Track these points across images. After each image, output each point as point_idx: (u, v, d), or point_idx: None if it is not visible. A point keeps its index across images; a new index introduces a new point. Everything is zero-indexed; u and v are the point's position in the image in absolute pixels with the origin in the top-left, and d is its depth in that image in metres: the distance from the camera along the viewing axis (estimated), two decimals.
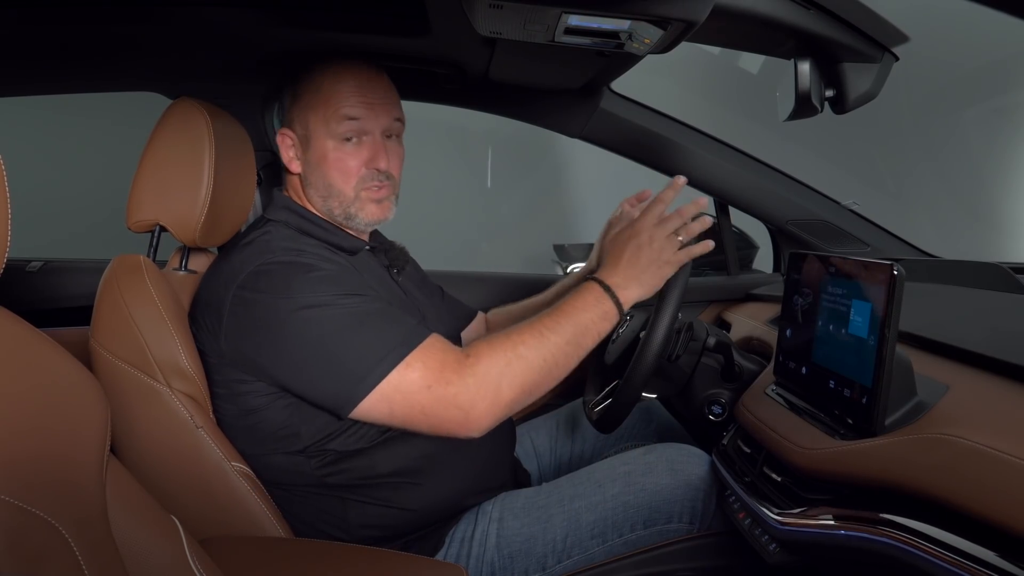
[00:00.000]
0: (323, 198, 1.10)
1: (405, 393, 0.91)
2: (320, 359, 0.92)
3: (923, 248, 1.60)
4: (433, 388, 0.91)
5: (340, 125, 1.06)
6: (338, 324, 0.92)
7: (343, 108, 1.05)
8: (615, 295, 1.00)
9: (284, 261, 0.96)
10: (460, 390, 0.91)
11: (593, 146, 1.59)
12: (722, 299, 1.69)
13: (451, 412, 0.92)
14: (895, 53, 1.09)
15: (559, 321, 0.98)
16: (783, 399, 0.99)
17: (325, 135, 1.06)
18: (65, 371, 0.66)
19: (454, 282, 1.66)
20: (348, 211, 1.10)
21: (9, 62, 1.27)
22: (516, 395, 0.94)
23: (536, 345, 0.95)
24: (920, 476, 0.68)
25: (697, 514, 1.07)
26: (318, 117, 1.06)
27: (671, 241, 1.02)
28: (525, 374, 0.94)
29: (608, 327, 1.01)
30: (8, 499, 0.54)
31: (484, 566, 1.02)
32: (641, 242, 1.02)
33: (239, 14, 1.11)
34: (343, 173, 1.07)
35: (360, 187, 1.08)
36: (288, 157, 1.11)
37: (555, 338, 0.96)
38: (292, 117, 1.10)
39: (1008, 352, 0.77)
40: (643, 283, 1.02)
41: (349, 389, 0.91)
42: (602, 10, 0.84)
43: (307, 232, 1.08)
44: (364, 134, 1.07)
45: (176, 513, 0.75)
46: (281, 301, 0.92)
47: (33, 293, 1.62)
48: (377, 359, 0.90)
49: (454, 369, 0.92)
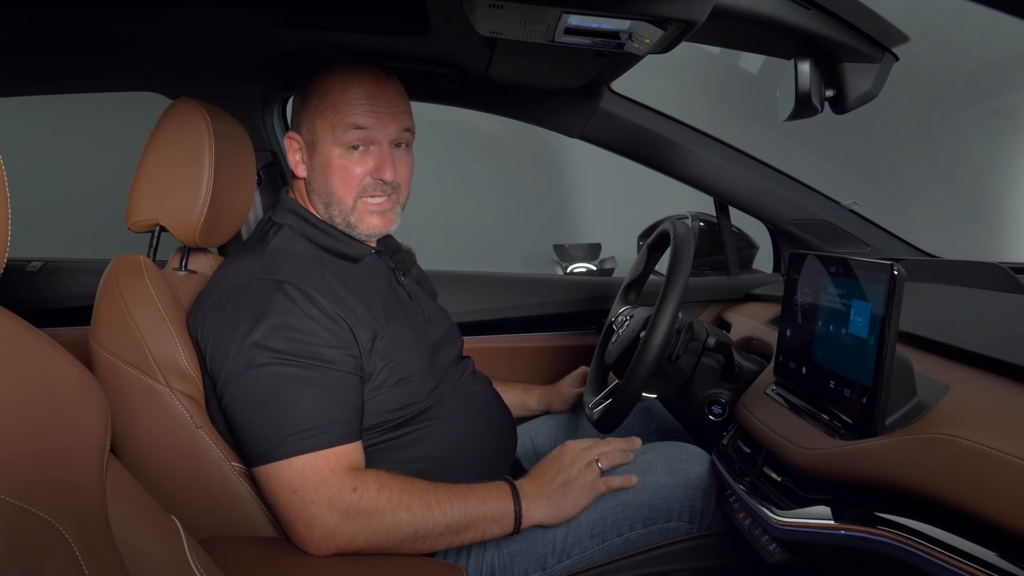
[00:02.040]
0: (325, 205, 1.09)
1: (277, 484, 0.91)
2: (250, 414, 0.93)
3: (923, 248, 1.60)
4: (297, 494, 0.90)
5: (347, 133, 1.04)
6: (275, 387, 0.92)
7: (351, 116, 1.04)
8: (519, 504, 0.99)
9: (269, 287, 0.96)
10: (321, 514, 0.90)
11: (593, 146, 1.59)
12: (722, 299, 1.69)
13: (299, 526, 0.91)
14: (895, 53, 1.09)
15: (453, 501, 0.95)
16: (783, 399, 0.99)
17: (331, 142, 1.05)
18: (65, 371, 0.66)
19: (454, 282, 1.66)
20: (348, 220, 1.09)
21: (10, 62, 1.27)
22: (367, 547, 0.92)
23: (418, 514, 0.93)
24: (920, 476, 0.68)
25: (697, 513, 1.07)
26: (325, 123, 1.05)
27: (592, 468, 1.04)
28: (388, 535, 0.92)
29: (497, 533, 0.98)
30: (8, 499, 0.54)
31: (484, 566, 1.02)
32: (563, 462, 1.04)
33: (239, 14, 1.11)
34: (345, 181, 1.06)
35: (359, 196, 1.07)
36: (295, 161, 1.11)
37: (439, 517, 0.94)
38: (300, 120, 1.09)
39: (1008, 352, 0.77)
40: (552, 503, 1.00)
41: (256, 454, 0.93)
42: (602, 10, 0.84)
43: (312, 239, 1.08)
44: (371, 143, 1.06)
45: (176, 513, 0.75)
46: (243, 341, 0.93)
47: (33, 293, 1.62)
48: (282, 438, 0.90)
49: (329, 495, 0.90)
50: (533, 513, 0.99)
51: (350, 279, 1.07)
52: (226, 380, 0.94)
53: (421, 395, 1.06)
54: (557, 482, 1.02)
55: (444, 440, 1.08)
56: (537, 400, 1.46)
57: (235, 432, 0.96)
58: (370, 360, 1.01)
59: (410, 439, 1.05)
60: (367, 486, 0.92)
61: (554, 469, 1.04)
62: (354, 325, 0.99)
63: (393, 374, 1.03)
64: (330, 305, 0.97)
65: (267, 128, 1.53)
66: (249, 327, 0.93)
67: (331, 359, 0.95)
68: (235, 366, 0.93)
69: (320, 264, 1.05)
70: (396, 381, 1.03)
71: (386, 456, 1.02)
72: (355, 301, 1.02)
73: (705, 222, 1.79)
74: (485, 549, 1.03)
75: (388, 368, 1.02)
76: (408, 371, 1.05)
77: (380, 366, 1.02)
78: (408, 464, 1.03)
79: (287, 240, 1.06)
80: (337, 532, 0.91)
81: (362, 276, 1.10)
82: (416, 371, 1.06)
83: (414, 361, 1.07)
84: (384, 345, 1.02)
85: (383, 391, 1.02)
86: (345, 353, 0.97)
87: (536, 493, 1.01)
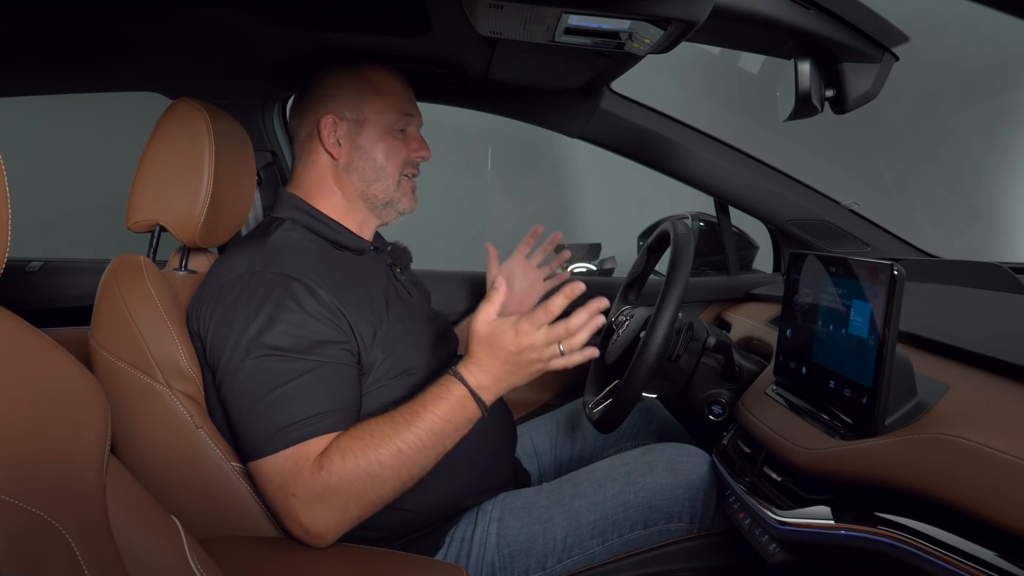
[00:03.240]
0: (366, 182, 1.13)
1: (264, 480, 0.92)
2: (244, 408, 0.93)
3: (923, 248, 1.60)
4: (281, 489, 0.90)
5: (399, 118, 1.14)
6: (269, 382, 0.92)
7: (402, 104, 1.14)
8: (481, 399, 0.95)
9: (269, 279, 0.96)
10: (301, 505, 0.90)
11: (593, 146, 1.59)
12: (722, 299, 1.69)
13: (290, 523, 0.91)
14: (895, 53, 1.09)
15: (421, 433, 0.93)
16: (783, 399, 0.99)
17: (383, 123, 1.13)
18: (65, 371, 0.66)
19: (453, 282, 1.66)
20: (391, 196, 1.15)
21: (10, 62, 1.27)
22: (364, 513, 0.92)
23: (394, 463, 0.91)
24: (920, 476, 0.68)
25: (697, 514, 1.07)
26: (375, 106, 1.12)
27: (551, 348, 0.95)
28: (377, 493, 0.92)
29: (468, 428, 0.97)
30: (9, 499, 0.54)
31: (484, 566, 1.02)
32: (521, 347, 0.93)
33: (239, 14, 1.11)
34: (394, 158, 1.13)
35: (402, 171, 1.15)
36: (331, 142, 1.11)
37: (415, 453, 0.93)
38: (340, 104, 1.11)
39: (1008, 352, 0.77)
40: (511, 384, 0.97)
41: (249, 450, 0.93)
42: (602, 10, 0.84)
43: (314, 230, 1.09)
44: (410, 126, 1.17)
45: (176, 513, 0.75)
46: (241, 334, 0.93)
47: (33, 293, 1.62)
48: (271, 433, 0.91)
49: (303, 484, 0.89)
50: (493, 398, 0.97)
51: (351, 272, 1.07)
52: (223, 373, 0.95)
53: (422, 388, 1.07)
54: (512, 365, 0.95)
55: None
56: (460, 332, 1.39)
57: (231, 426, 0.96)
58: (370, 353, 1.01)
59: None
60: (331, 460, 0.90)
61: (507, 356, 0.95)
62: (353, 318, 0.99)
63: (394, 367, 1.03)
64: (330, 298, 0.98)
65: (267, 128, 1.53)
66: (247, 320, 0.94)
67: (328, 353, 0.95)
68: (232, 359, 0.93)
69: (321, 256, 1.05)
70: (397, 374, 1.04)
71: None
72: (356, 293, 1.03)
73: (705, 222, 1.79)
74: (485, 550, 1.03)
75: (389, 361, 1.03)
76: (408, 364, 1.05)
77: (381, 359, 1.02)
78: None
79: (289, 233, 1.07)
80: (322, 516, 0.90)
81: (362, 269, 1.11)
82: (416, 364, 1.07)
83: (414, 354, 1.07)
84: (385, 337, 1.03)
85: (384, 383, 1.02)
86: (343, 347, 0.97)
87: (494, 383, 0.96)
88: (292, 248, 1.03)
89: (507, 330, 0.94)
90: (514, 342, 0.94)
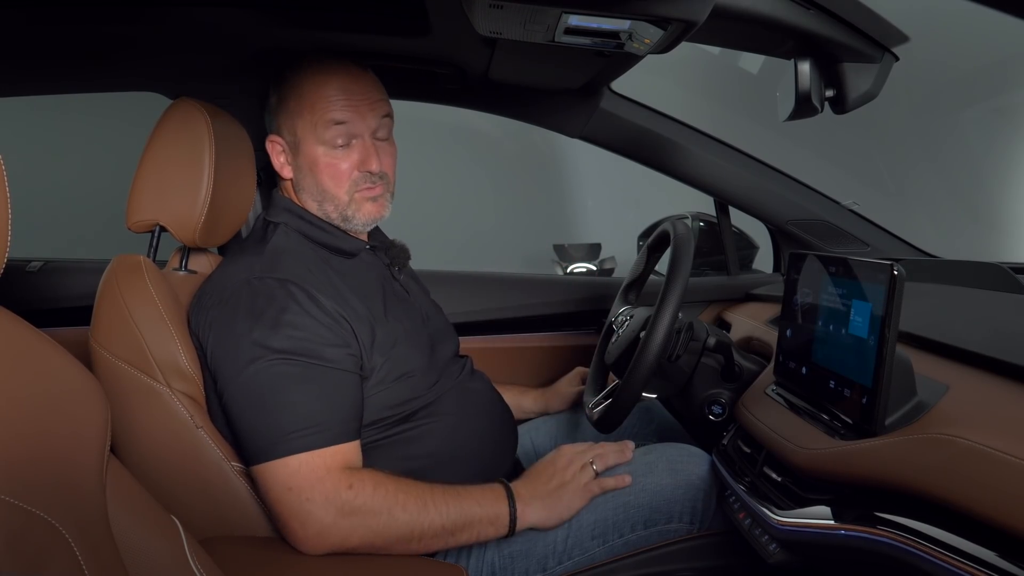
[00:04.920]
0: (318, 202, 1.10)
1: (273, 482, 0.92)
2: (249, 413, 0.93)
3: (923, 248, 1.60)
4: (292, 492, 0.90)
5: (328, 131, 1.05)
6: (274, 386, 0.92)
7: (329, 112, 1.04)
8: (514, 507, 0.98)
9: (269, 286, 0.96)
10: (316, 512, 0.90)
11: (593, 146, 1.59)
12: (722, 299, 1.69)
13: (293, 524, 0.91)
14: (895, 53, 1.09)
15: (449, 502, 0.95)
16: (783, 399, 0.99)
17: (314, 141, 1.06)
18: (65, 371, 0.66)
19: (454, 282, 1.66)
20: (344, 214, 1.10)
21: (9, 62, 1.27)
22: (361, 546, 0.92)
23: (414, 516, 0.93)
24: (920, 476, 0.68)
25: (697, 514, 1.07)
26: (305, 123, 1.06)
27: (586, 470, 1.04)
28: (383, 535, 0.92)
29: (492, 534, 0.98)
30: (8, 499, 0.54)
31: (484, 566, 1.02)
32: (557, 465, 1.04)
33: (239, 14, 1.11)
34: (335, 178, 1.07)
35: (353, 190, 1.09)
36: (279, 163, 1.11)
37: (435, 517, 0.94)
38: (279, 123, 1.10)
39: (1008, 352, 0.77)
40: (546, 506, 1.00)
41: (254, 452, 0.93)
42: (602, 10, 0.84)
43: (308, 235, 1.09)
44: (353, 137, 1.07)
45: (176, 513, 0.75)
46: (244, 340, 0.93)
47: (33, 293, 1.62)
48: (279, 436, 0.91)
49: (324, 492, 0.90)
50: (528, 516, 0.99)
51: (348, 274, 1.07)
52: (226, 379, 0.94)
53: (422, 390, 1.07)
54: (552, 484, 1.02)
55: (444, 437, 1.08)
56: (533, 402, 1.45)
57: (234, 430, 0.96)
58: (370, 356, 1.01)
59: (410, 436, 1.05)
60: (363, 484, 0.92)
61: (549, 471, 1.04)
62: (353, 322, 0.99)
63: (394, 369, 1.03)
64: (330, 303, 0.98)
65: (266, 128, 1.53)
66: (250, 326, 0.94)
67: (331, 358, 0.95)
68: (235, 365, 0.93)
69: (319, 261, 1.05)
70: (397, 376, 1.04)
71: (386, 453, 1.03)
72: (354, 297, 1.03)
73: (705, 222, 1.79)
74: (485, 550, 1.03)
75: (389, 363, 1.03)
76: (409, 366, 1.05)
77: (381, 362, 1.02)
78: (408, 461, 1.03)
79: (285, 238, 1.07)
80: (332, 530, 0.90)
81: (359, 271, 1.11)
82: (416, 366, 1.07)
83: (414, 356, 1.07)
84: (383, 340, 1.03)
85: (384, 386, 1.03)
86: (345, 352, 0.97)
87: (531, 495, 1.00)
88: (290, 253, 1.03)
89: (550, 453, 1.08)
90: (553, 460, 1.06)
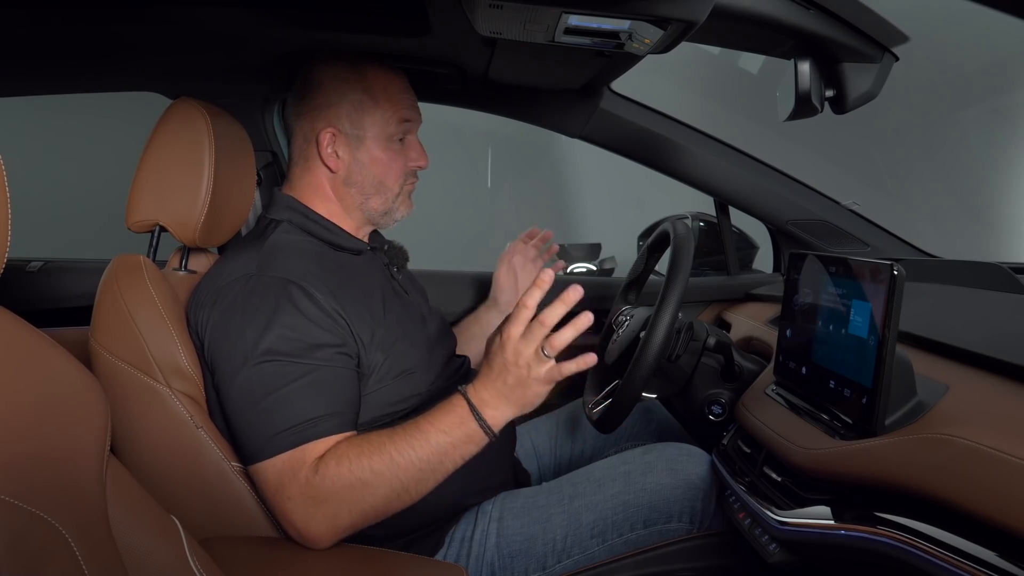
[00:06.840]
0: (365, 196, 1.12)
1: (263, 483, 0.92)
2: (242, 413, 0.93)
3: (923, 248, 1.60)
4: (278, 492, 0.91)
5: (399, 127, 1.11)
6: (267, 386, 0.92)
7: (401, 110, 1.11)
8: (481, 416, 0.92)
9: (266, 283, 0.96)
10: (296, 508, 0.90)
11: (593, 146, 1.59)
12: (722, 299, 1.69)
13: (286, 525, 0.92)
14: (895, 53, 1.09)
15: (417, 445, 0.91)
16: (783, 399, 0.99)
17: (382, 136, 1.10)
18: (65, 372, 0.66)
19: (453, 282, 1.66)
20: (390, 206, 1.14)
21: (10, 62, 1.27)
22: (357, 521, 0.91)
23: (386, 472, 0.90)
24: (920, 476, 0.68)
25: (697, 514, 1.07)
26: (375, 119, 1.10)
27: (538, 358, 0.90)
28: (368, 501, 0.90)
29: (474, 449, 0.94)
30: (9, 499, 0.54)
31: (484, 566, 1.02)
32: (507, 359, 0.91)
33: (239, 14, 1.11)
34: (394, 172, 1.12)
35: (403, 184, 1.14)
36: (327, 153, 1.10)
37: (409, 465, 0.91)
38: (339, 115, 1.09)
39: (1008, 352, 0.77)
40: (514, 401, 0.93)
41: (248, 453, 0.93)
42: (602, 10, 0.84)
43: (311, 232, 1.08)
44: (409, 134, 1.14)
45: (176, 513, 0.75)
46: (239, 339, 0.93)
47: (33, 293, 1.62)
48: (269, 436, 0.91)
49: (299, 487, 0.90)
50: (499, 417, 0.94)
51: (348, 273, 1.07)
52: (221, 378, 0.95)
53: (422, 387, 1.07)
54: (510, 380, 0.92)
55: None
56: (486, 311, 1.44)
57: (231, 430, 0.96)
58: (370, 354, 1.01)
59: None
60: (326, 466, 0.90)
61: (499, 366, 0.92)
62: (352, 320, 0.99)
63: (395, 367, 1.03)
64: (328, 300, 0.97)
65: (267, 128, 1.53)
66: (245, 324, 0.94)
67: (325, 357, 0.95)
68: (230, 364, 0.93)
69: (318, 257, 1.05)
70: (397, 373, 1.04)
71: None
72: (353, 295, 1.03)
73: (705, 222, 1.79)
74: (485, 549, 1.03)
75: (389, 361, 1.03)
76: (409, 363, 1.05)
77: (381, 360, 1.02)
78: None
79: (285, 235, 1.06)
80: (317, 520, 0.90)
81: (359, 270, 1.11)
82: (416, 363, 1.07)
83: (414, 353, 1.07)
84: (383, 337, 1.03)
85: (385, 383, 1.03)
86: (340, 351, 0.97)
87: (493, 396, 0.93)
88: (289, 251, 1.03)
89: (498, 337, 0.93)
90: (500, 352, 0.92)
